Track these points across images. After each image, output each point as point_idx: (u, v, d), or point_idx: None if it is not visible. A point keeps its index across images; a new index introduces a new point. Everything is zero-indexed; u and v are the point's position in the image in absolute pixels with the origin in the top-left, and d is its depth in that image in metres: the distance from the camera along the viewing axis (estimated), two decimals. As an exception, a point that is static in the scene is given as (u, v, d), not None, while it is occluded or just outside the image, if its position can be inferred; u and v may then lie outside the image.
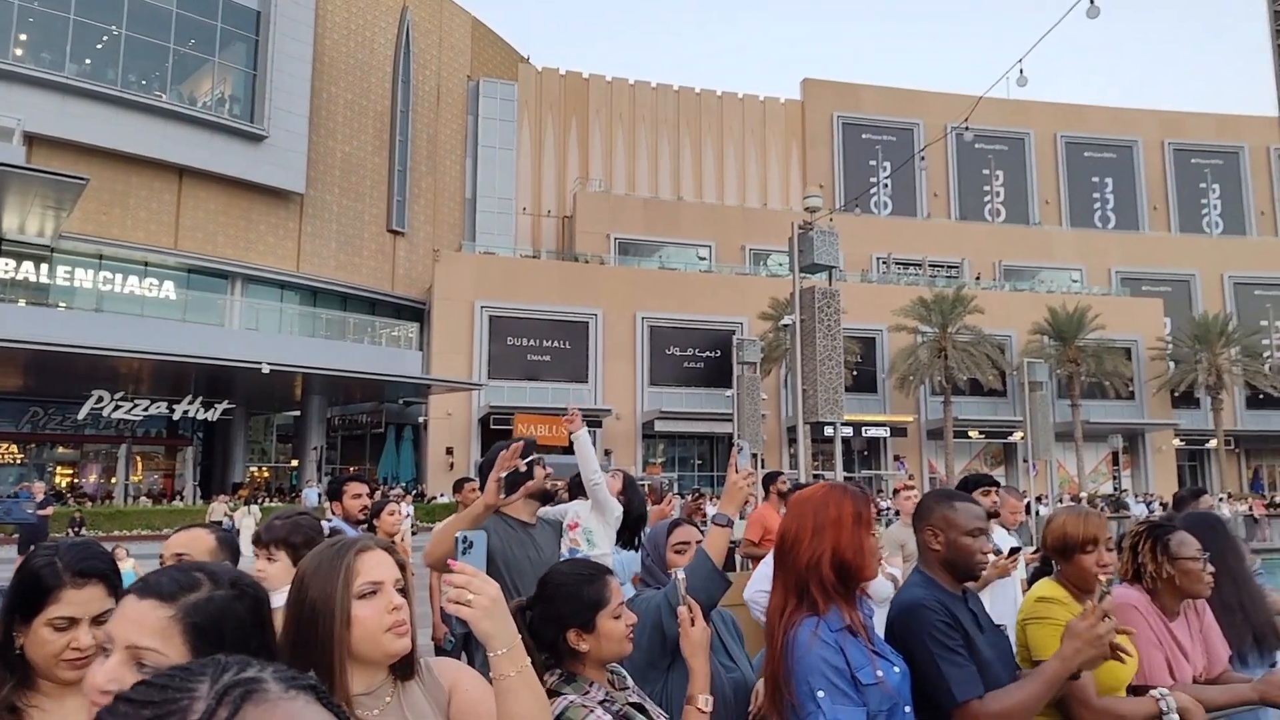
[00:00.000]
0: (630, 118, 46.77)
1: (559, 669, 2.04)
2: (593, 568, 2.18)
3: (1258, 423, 42.38)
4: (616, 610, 2.06)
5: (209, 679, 0.75)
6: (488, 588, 1.52)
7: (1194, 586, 2.85)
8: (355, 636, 1.58)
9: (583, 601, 2.05)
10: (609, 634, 2.04)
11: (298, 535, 3.30)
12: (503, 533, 3.33)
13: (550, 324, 35.92)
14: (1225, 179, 50.13)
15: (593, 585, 2.08)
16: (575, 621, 2.04)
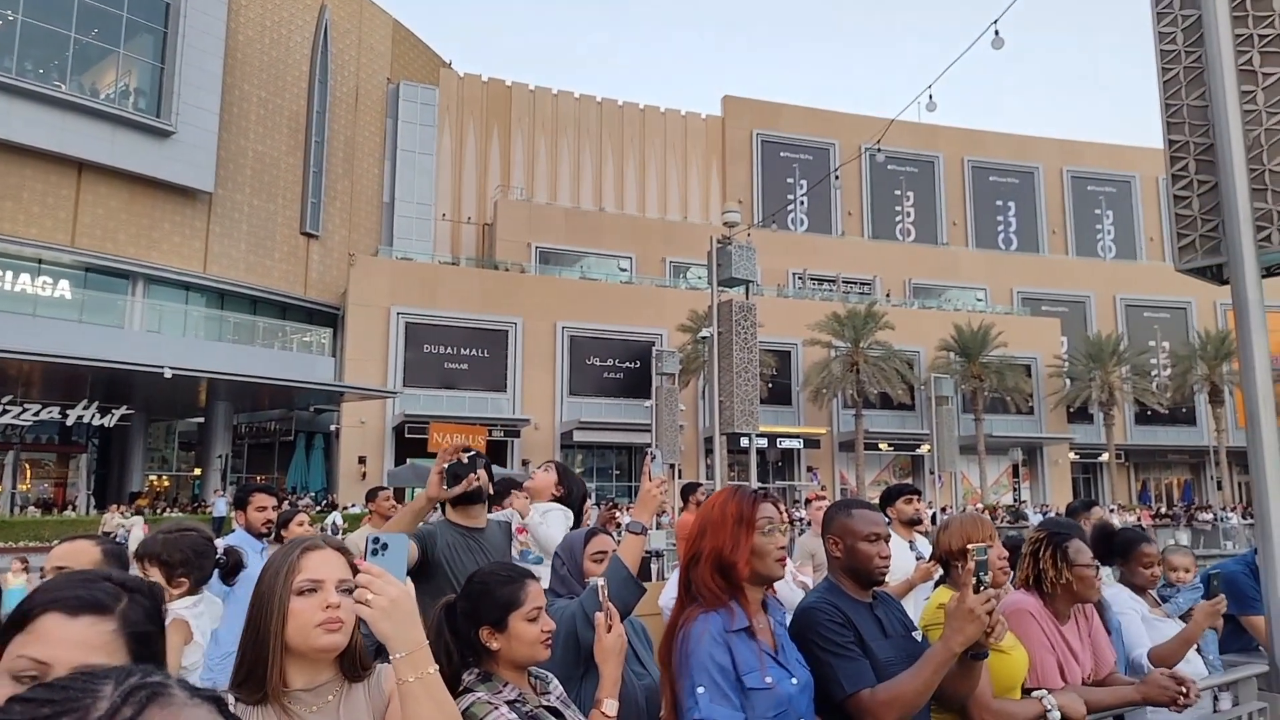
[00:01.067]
0: (553, 127, 46.73)
1: (477, 668, 2.08)
2: (514, 570, 2.20)
3: (1145, 438, 44.78)
4: (531, 613, 2.08)
5: (114, 681, 0.74)
6: (389, 589, 1.48)
7: (1087, 591, 3.04)
8: (289, 630, 1.63)
9: (496, 600, 2.09)
10: (520, 635, 2.06)
11: (175, 553, 3.16)
12: (451, 540, 3.31)
13: (469, 332, 35.54)
14: (1118, 206, 52.99)
15: (508, 586, 2.11)
16: (488, 619, 2.08)
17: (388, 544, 1.57)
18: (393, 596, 1.48)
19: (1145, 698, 2.88)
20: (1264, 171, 3.38)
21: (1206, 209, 3.51)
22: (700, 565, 2.11)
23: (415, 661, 1.50)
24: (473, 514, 3.40)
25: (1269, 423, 3.41)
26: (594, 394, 36.89)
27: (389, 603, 1.48)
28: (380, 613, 1.47)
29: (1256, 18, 3.43)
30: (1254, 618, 3.97)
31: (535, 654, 2.09)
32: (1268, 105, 3.39)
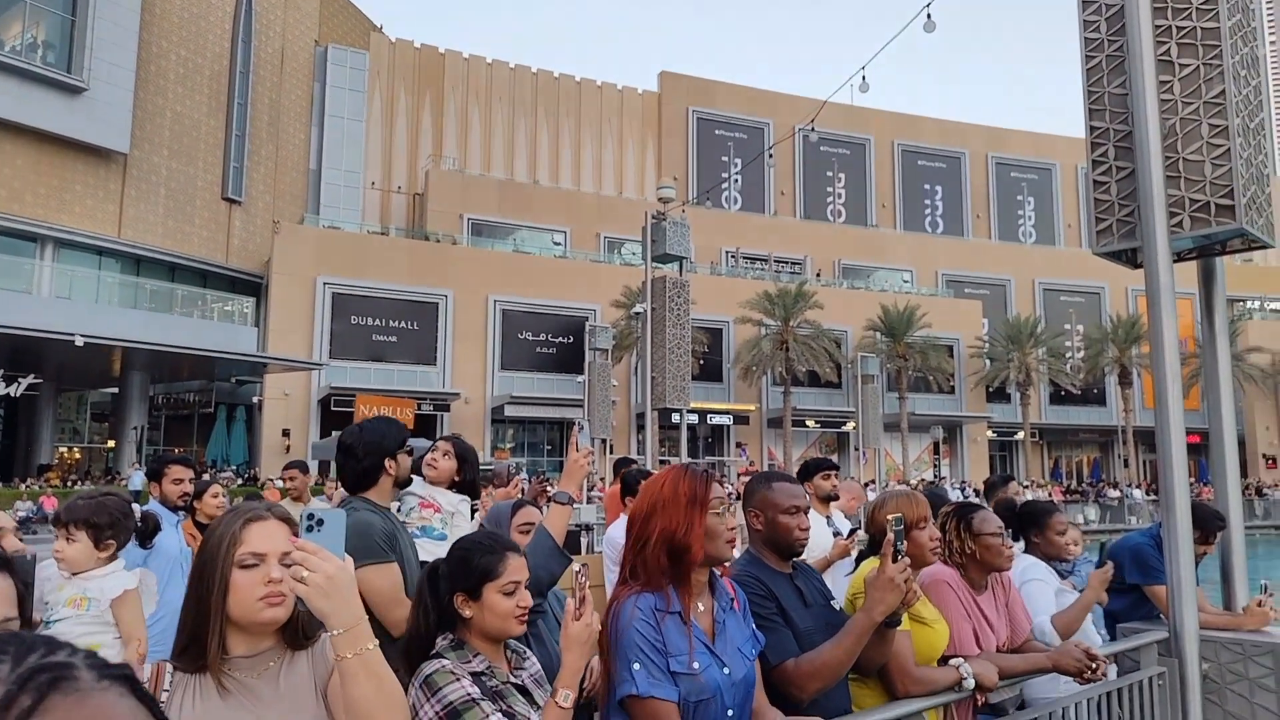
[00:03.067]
0: (486, 97, 45.95)
1: (451, 634, 2.08)
2: (497, 541, 2.18)
3: (1059, 417, 46.56)
4: (507, 586, 2.06)
5: (9, 660, 0.63)
6: (325, 565, 1.46)
7: (995, 561, 3.16)
8: (231, 603, 1.63)
9: (472, 568, 2.08)
10: (493, 607, 2.04)
11: (102, 516, 3.12)
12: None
13: (398, 304, 34.91)
14: (1039, 193, 54.67)
15: (487, 556, 2.10)
16: (462, 585, 2.07)
17: (324, 519, 1.55)
18: (329, 573, 1.47)
19: (1056, 665, 3.00)
20: (1178, 160, 3.52)
21: (1124, 195, 3.64)
22: (651, 546, 2.07)
23: (353, 638, 1.48)
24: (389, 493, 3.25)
25: (1175, 403, 3.58)
26: (526, 368, 36.68)
27: (325, 579, 1.46)
28: (316, 590, 1.46)
29: (1175, 9, 3.55)
30: (1157, 587, 4.19)
31: (507, 627, 2.07)
32: (1183, 95, 3.53)
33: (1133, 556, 4.50)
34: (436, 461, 3.64)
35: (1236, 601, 3.91)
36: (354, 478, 3.09)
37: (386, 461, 3.13)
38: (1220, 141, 3.45)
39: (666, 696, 1.94)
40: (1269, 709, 3.51)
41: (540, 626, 2.67)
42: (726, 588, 2.24)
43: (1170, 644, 3.49)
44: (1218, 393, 3.93)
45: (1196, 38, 3.51)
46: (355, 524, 2.94)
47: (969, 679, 2.67)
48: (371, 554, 2.83)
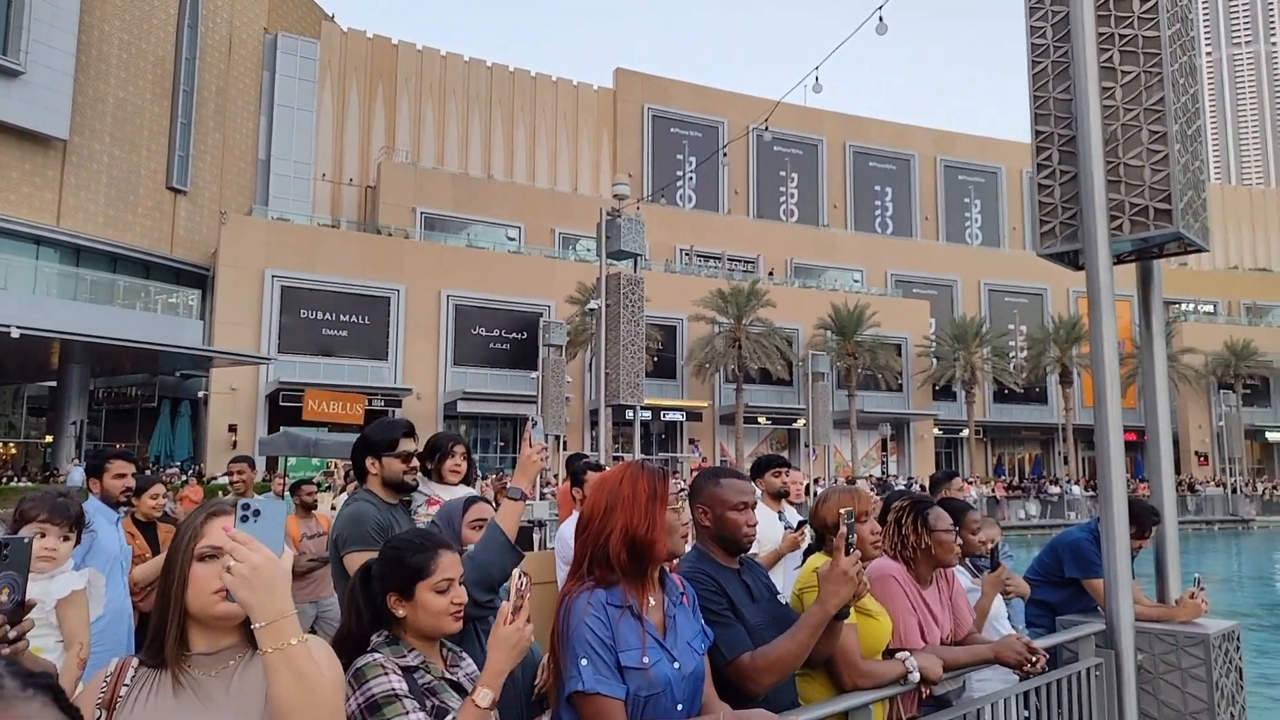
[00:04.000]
0: (440, 90, 45.47)
1: (386, 630, 2.05)
2: (429, 539, 2.15)
3: (1002, 415, 47.58)
4: (440, 585, 2.04)
5: None
6: (251, 556, 1.45)
7: (946, 556, 3.22)
8: (189, 596, 1.62)
9: (404, 567, 2.05)
10: (427, 605, 2.02)
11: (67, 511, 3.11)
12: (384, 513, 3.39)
13: (349, 298, 34.40)
14: (985, 195, 55.80)
15: (419, 554, 2.07)
16: (395, 585, 2.04)
17: (260, 510, 1.53)
18: (254, 564, 1.45)
19: (999, 657, 3.07)
20: (1119, 164, 3.62)
21: (1067, 198, 3.73)
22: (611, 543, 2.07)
23: (276, 632, 1.45)
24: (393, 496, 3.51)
25: (1114, 402, 3.67)
26: (479, 364, 36.41)
27: (249, 570, 1.44)
28: (239, 580, 1.44)
29: (1118, 18, 3.65)
30: (1094, 581, 4.31)
31: (442, 625, 2.05)
32: (1125, 101, 3.63)
33: (1072, 551, 4.63)
34: (460, 467, 3.88)
35: (1170, 594, 4.03)
36: (355, 471, 3.49)
37: (367, 460, 3.40)
38: (1159, 147, 3.55)
39: (613, 693, 1.94)
40: (1200, 698, 3.63)
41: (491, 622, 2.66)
42: (676, 583, 2.25)
43: (1107, 636, 3.59)
44: (1154, 392, 4.05)
45: (1138, 45, 3.62)
46: (351, 513, 3.27)
47: (914, 672, 2.72)
48: (362, 541, 3.09)
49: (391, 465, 3.39)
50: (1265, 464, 50.78)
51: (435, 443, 3.92)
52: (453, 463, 3.85)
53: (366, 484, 3.43)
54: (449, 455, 3.87)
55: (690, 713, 2.08)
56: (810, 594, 2.74)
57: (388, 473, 3.39)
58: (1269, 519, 37.79)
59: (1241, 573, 23.18)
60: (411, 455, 3.46)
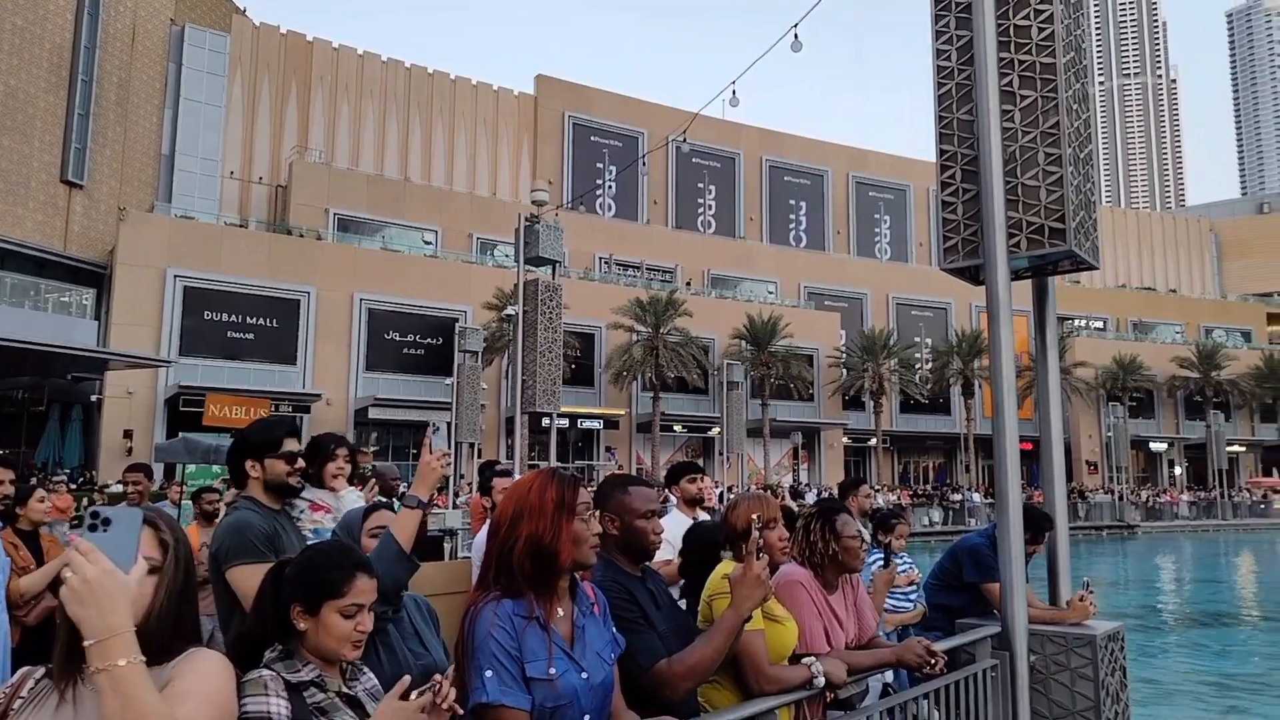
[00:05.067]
0: (357, 89, 44.52)
1: (281, 644, 1.96)
2: (350, 558, 2.05)
3: (908, 425, 49.06)
4: (348, 608, 1.95)
5: None
6: (87, 569, 1.36)
7: (853, 562, 3.30)
8: None
9: (314, 581, 1.97)
10: (330, 627, 1.93)
11: None
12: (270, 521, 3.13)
13: (256, 300, 33.28)
14: (894, 212, 57.61)
15: (333, 571, 1.98)
16: (301, 596, 1.96)
17: (111, 519, 1.43)
18: (89, 577, 1.36)
19: (900, 660, 3.15)
20: (1017, 184, 3.78)
21: (969, 215, 3.88)
22: (517, 552, 2.04)
23: (104, 651, 1.37)
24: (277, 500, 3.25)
25: (1011, 412, 3.82)
26: (392, 370, 35.69)
27: (81, 584, 1.36)
28: (70, 593, 1.36)
29: (1018, 44, 3.82)
30: (991, 585, 4.47)
31: (341, 651, 1.95)
32: (1023, 124, 3.80)
33: (970, 556, 4.79)
34: (342, 470, 3.65)
35: (1061, 597, 4.21)
36: (231, 475, 3.21)
37: (247, 463, 3.13)
38: (1054, 169, 3.72)
39: (517, 704, 1.92)
40: (1087, 696, 3.79)
41: (391, 634, 2.58)
42: (587, 592, 2.24)
43: (1002, 638, 3.72)
44: (1047, 404, 4.23)
45: (1035, 71, 3.79)
46: (233, 523, 3.01)
47: (820, 676, 2.76)
48: (246, 553, 2.82)
49: (274, 467, 3.14)
50: (1149, 473, 53.66)
51: (316, 444, 3.69)
52: (335, 465, 3.64)
53: (246, 489, 3.17)
54: (331, 458, 3.66)
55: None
56: (720, 600, 2.76)
57: (270, 475, 3.14)
58: (1152, 525, 39.93)
59: (1127, 576, 24.41)
60: (296, 456, 3.23)
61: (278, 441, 3.17)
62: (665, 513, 5.21)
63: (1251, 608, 18.72)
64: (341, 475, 3.68)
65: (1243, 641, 14.41)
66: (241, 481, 3.19)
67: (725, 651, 2.44)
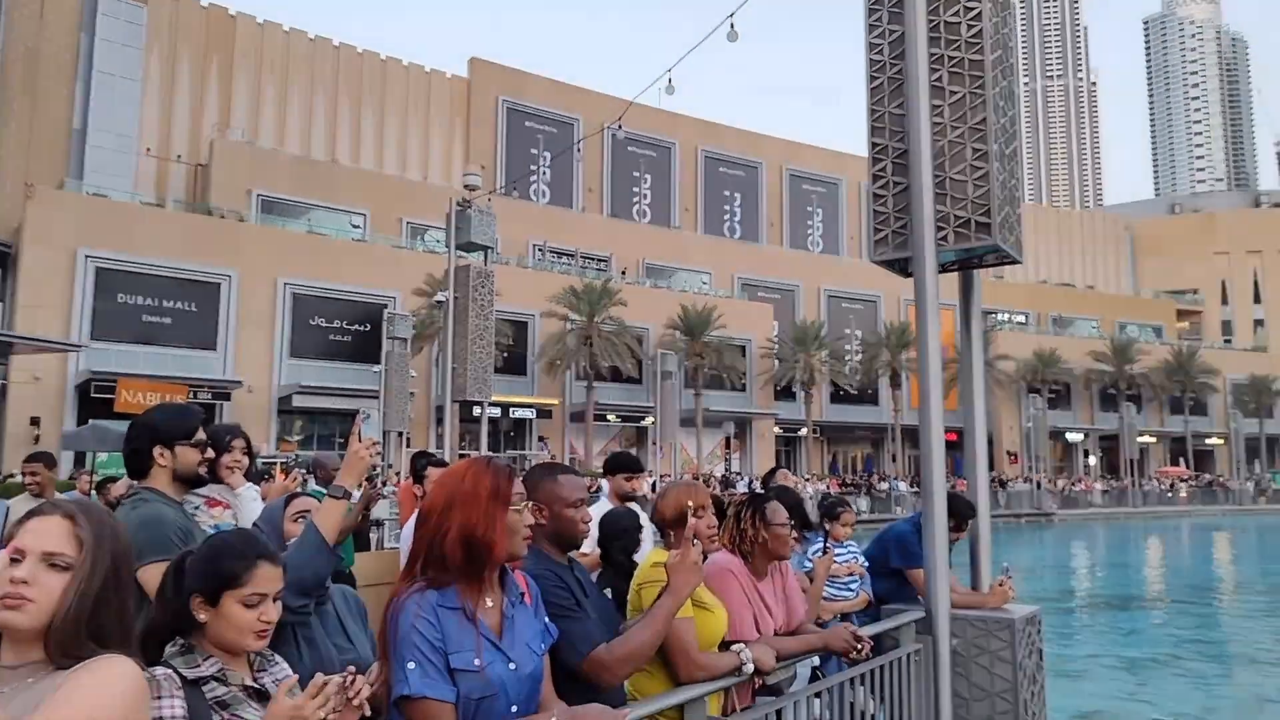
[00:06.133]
0: (283, 67, 43.24)
1: (183, 638, 1.89)
2: (253, 547, 1.98)
3: (838, 415, 50.01)
4: (250, 598, 1.88)
5: None
6: None
7: (782, 549, 3.33)
8: None
9: (214, 571, 1.90)
10: (231, 618, 1.87)
11: None
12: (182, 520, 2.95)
13: (174, 282, 32.13)
14: (827, 205, 58.52)
15: (235, 561, 1.91)
16: (200, 588, 1.89)
17: None
18: None
19: (828, 645, 3.21)
20: (945, 179, 3.85)
21: (899, 208, 3.94)
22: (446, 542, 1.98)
23: None
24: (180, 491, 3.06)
25: (936, 404, 3.90)
26: (317, 356, 34.87)
27: None
28: None
29: (948, 40, 3.89)
30: (916, 571, 4.56)
31: (244, 642, 1.89)
32: (951, 120, 3.86)
33: (896, 543, 4.89)
34: (239, 463, 3.50)
35: (982, 583, 4.32)
36: (129, 463, 2.95)
37: (156, 450, 2.92)
38: (981, 165, 3.79)
39: (441, 696, 1.88)
40: (1005, 678, 3.90)
41: (315, 627, 2.50)
42: (518, 582, 2.20)
43: (926, 622, 3.80)
44: (971, 395, 4.33)
45: (964, 68, 3.85)
46: (145, 517, 2.78)
47: (748, 663, 2.78)
48: (163, 549, 2.61)
49: (187, 456, 2.95)
50: (1066, 463, 55.77)
51: (210, 435, 3.43)
52: (230, 458, 3.48)
53: (149, 479, 2.95)
54: (226, 450, 3.49)
55: (526, 712, 2.04)
56: (649, 589, 2.77)
57: (181, 465, 2.95)
58: (1068, 513, 41.51)
59: (1044, 562, 25.33)
60: (208, 445, 3.06)
61: (193, 428, 3.00)
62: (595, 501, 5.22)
63: (1159, 591, 19.62)
64: (237, 469, 3.52)
65: (1151, 623, 15.09)
66: (143, 470, 2.97)
67: (663, 635, 2.46)
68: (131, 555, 1.61)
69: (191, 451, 2.97)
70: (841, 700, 3.20)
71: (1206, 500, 47.47)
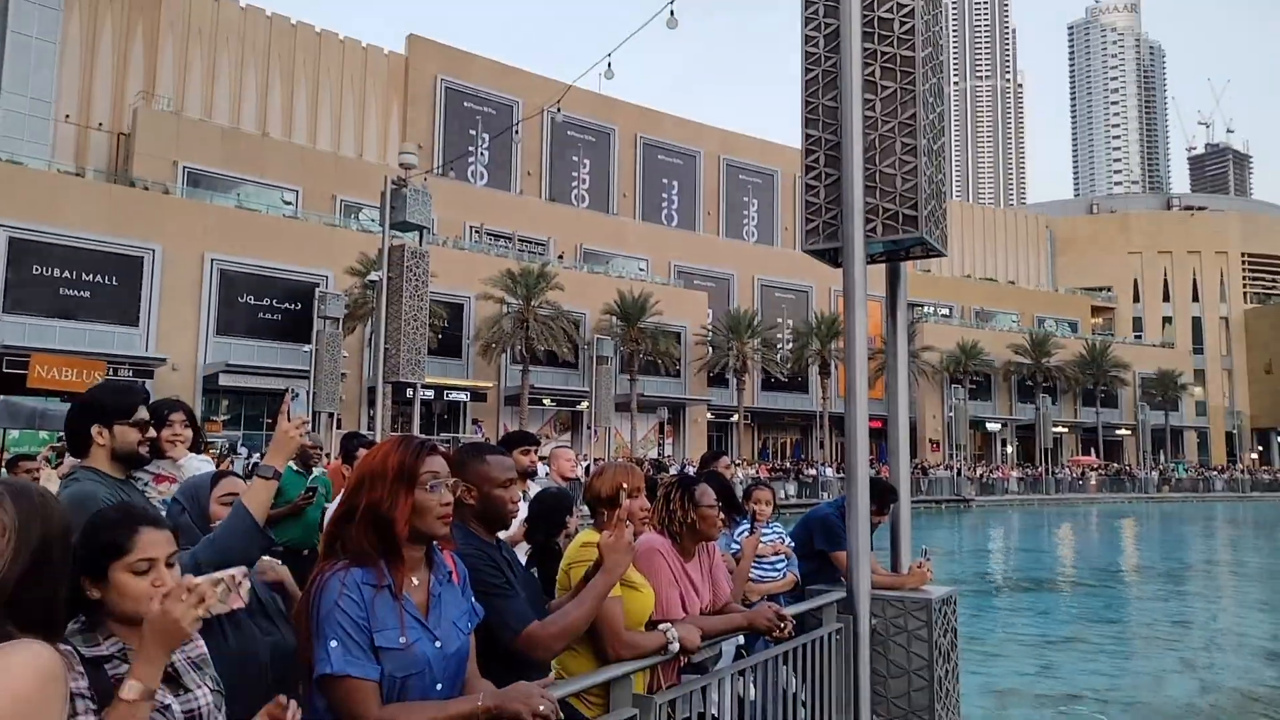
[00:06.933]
0: (211, 35, 41.77)
1: (84, 616, 1.82)
2: (132, 515, 1.92)
3: (768, 402, 50.74)
4: (138, 564, 1.81)
5: None
6: None
7: (709, 530, 3.40)
8: None
9: (95, 545, 1.83)
10: (122, 588, 1.80)
11: None
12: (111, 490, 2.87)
13: (94, 255, 30.90)
14: (762, 196, 59.11)
15: (113, 530, 1.84)
16: (85, 566, 1.81)
17: None
18: None
19: (752, 624, 3.29)
20: (876, 172, 3.96)
21: (830, 199, 4.03)
22: (355, 520, 1.98)
23: None
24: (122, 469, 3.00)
25: (862, 390, 4.02)
26: (245, 335, 33.95)
27: None
28: None
29: (880, 36, 3.98)
30: (839, 553, 4.70)
31: (143, 611, 1.79)
32: (882, 114, 3.97)
33: (820, 526, 5.03)
34: (179, 436, 3.45)
35: (902, 565, 4.48)
36: (70, 443, 2.96)
37: (94, 429, 2.90)
38: (909, 159, 3.91)
39: (364, 674, 1.87)
40: (921, 656, 4.06)
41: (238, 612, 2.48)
42: (445, 561, 2.20)
43: (847, 603, 3.93)
44: (895, 384, 4.47)
45: (896, 64, 3.96)
46: (74, 495, 2.75)
47: (674, 642, 2.83)
48: None
49: (126, 435, 2.94)
50: (985, 451, 57.59)
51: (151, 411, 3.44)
52: (170, 432, 3.46)
53: (88, 458, 2.93)
54: (165, 424, 3.46)
55: (451, 691, 2.04)
56: (578, 569, 2.81)
57: (120, 444, 2.93)
58: (985, 499, 42.93)
59: (962, 546, 26.18)
60: (148, 424, 3.04)
61: (132, 407, 2.97)
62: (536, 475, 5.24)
63: (1068, 574, 20.47)
64: (179, 442, 3.49)
65: (1060, 604, 15.76)
66: (83, 449, 2.96)
67: (595, 612, 2.51)
68: (67, 537, 1.56)
69: (130, 430, 2.95)
70: (766, 678, 3.29)
71: (1114, 488, 49.66)
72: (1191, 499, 50.06)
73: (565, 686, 2.44)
